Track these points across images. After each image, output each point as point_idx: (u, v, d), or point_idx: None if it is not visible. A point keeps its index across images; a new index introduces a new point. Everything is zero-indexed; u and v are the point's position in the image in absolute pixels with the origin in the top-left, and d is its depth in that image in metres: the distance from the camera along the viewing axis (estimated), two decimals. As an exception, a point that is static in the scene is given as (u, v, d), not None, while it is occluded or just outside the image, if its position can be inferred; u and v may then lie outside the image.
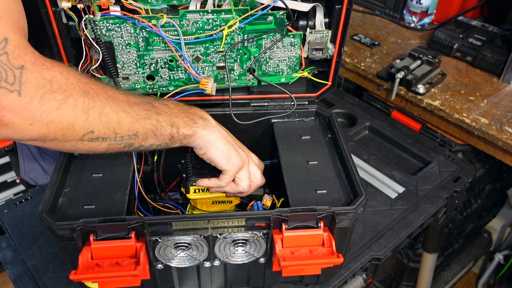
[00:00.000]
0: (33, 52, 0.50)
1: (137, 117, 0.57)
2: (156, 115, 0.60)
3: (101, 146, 0.56)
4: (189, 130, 0.62)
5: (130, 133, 0.57)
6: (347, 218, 0.60)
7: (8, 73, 0.47)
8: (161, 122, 0.60)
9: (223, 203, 0.75)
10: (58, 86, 0.50)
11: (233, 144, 0.67)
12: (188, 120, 0.63)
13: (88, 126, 0.53)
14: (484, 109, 0.98)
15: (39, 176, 0.94)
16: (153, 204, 0.75)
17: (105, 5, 0.64)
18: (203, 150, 0.65)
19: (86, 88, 0.53)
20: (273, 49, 0.74)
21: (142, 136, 0.58)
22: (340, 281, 0.71)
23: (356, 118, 1.07)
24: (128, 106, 0.57)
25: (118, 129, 0.56)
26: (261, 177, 0.72)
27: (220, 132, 0.66)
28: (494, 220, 1.55)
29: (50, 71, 0.50)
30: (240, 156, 0.67)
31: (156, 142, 0.60)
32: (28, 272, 0.71)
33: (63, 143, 0.53)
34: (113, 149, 0.58)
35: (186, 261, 0.61)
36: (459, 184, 0.90)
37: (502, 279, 1.57)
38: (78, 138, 0.53)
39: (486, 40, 1.11)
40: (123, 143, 0.58)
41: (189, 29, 0.68)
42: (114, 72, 0.70)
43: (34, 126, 0.49)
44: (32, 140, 0.51)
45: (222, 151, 0.65)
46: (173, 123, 0.61)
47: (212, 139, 0.64)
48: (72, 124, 0.52)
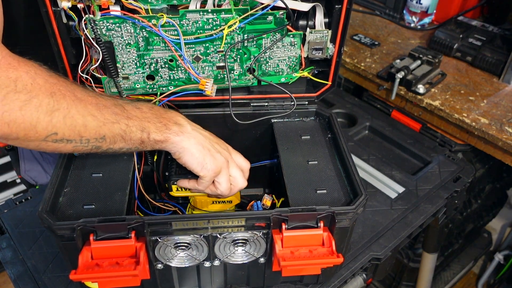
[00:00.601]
0: (0, 50, 0.49)
1: (104, 121, 0.56)
2: (126, 120, 0.59)
3: (66, 148, 0.56)
4: (160, 136, 0.61)
5: (96, 137, 0.56)
6: (347, 218, 0.60)
7: None
8: (131, 127, 0.59)
9: (223, 203, 0.75)
10: (23, 86, 0.50)
11: (210, 149, 0.66)
12: (161, 126, 0.62)
13: (51, 128, 0.52)
14: (484, 109, 0.98)
15: (39, 176, 0.94)
16: (154, 203, 0.75)
17: (105, 5, 0.64)
18: (177, 155, 0.64)
19: (53, 89, 0.52)
20: (273, 49, 0.74)
21: (110, 139, 0.58)
22: (340, 281, 0.71)
23: (356, 118, 1.07)
24: (96, 109, 0.56)
25: (84, 132, 0.55)
26: (243, 180, 0.70)
27: (195, 138, 0.65)
28: (494, 220, 1.55)
29: (16, 70, 0.50)
30: (217, 161, 0.66)
31: (125, 145, 0.60)
32: (28, 272, 0.71)
33: (26, 142, 0.53)
34: (79, 150, 0.57)
35: (186, 261, 0.61)
36: (459, 184, 0.90)
37: (502, 279, 1.57)
38: (41, 139, 0.53)
39: (486, 40, 1.11)
40: (90, 146, 0.57)
41: (189, 29, 0.68)
42: (114, 72, 0.70)
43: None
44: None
45: (197, 157, 0.64)
46: (144, 128, 0.60)
47: (186, 146, 0.63)
48: (34, 125, 0.51)
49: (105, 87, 0.72)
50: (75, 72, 0.69)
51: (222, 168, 0.67)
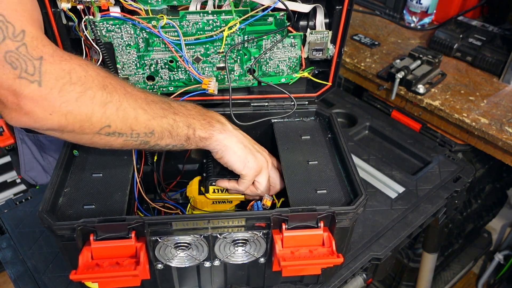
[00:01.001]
0: (50, 44, 0.51)
1: (154, 115, 0.57)
2: (173, 115, 0.60)
3: (117, 141, 0.57)
4: (205, 133, 0.62)
5: (146, 131, 0.57)
6: (347, 218, 0.60)
7: (28, 64, 0.48)
8: (178, 122, 0.60)
9: (223, 203, 0.75)
10: (77, 78, 0.51)
11: (250, 148, 0.67)
12: (205, 123, 0.63)
13: (105, 120, 0.53)
14: (484, 109, 0.98)
15: (39, 176, 0.94)
16: (152, 204, 0.75)
17: (105, 6, 0.64)
18: (220, 154, 0.65)
19: (105, 82, 0.54)
20: (273, 50, 0.74)
21: (158, 134, 0.58)
22: (340, 281, 0.71)
23: (356, 118, 1.07)
24: (145, 104, 0.57)
25: (135, 125, 0.56)
26: (281, 181, 0.72)
27: (237, 136, 0.66)
28: (494, 220, 1.55)
29: (69, 63, 0.51)
30: (258, 160, 0.67)
31: (172, 142, 0.60)
32: (28, 272, 0.71)
33: (80, 135, 0.54)
34: (129, 145, 0.58)
35: (186, 261, 0.61)
36: (459, 184, 0.90)
37: (502, 279, 1.57)
38: (95, 132, 0.54)
39: (486, 40, 1.11)
40: (139, 140, 0.58)
41: (189, 30, 0.68)
42: (114, 73, 0.70)
43: (53, 116, 0.50)
44: (51, 130, 0.52)
45: (239, 155, 0.65)
46: (190, 124, 0.61)
47: (229, 144, 0.64)
48: (90, 117, 0.52)
49: (105, 88, 0.72)
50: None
51: (263, 167, 0.68)
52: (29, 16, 0.50)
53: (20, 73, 0.47)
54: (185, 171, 0.86)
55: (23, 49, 0.48)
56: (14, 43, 0.48)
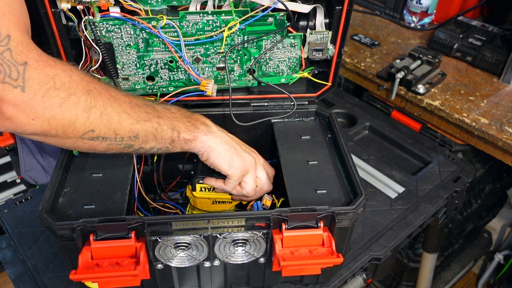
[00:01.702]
0: (36, 49, 0.51)
1: (138, 119, 0.57)
2: (158, 118, 0.60)
3: (101, 146, 0.57)
4: (190, 135, 0.62)
5: (130, 135, 0.57)
6: (347, 218, 0.60)
7: (12, 69, 0.48)
8: (162, 126, 0.60)
9: (223, 203, 0.75)
10: (61, 84, 0.51)
11: (237, 148, 0.67)
12: (190, 125, 0.63)
13: (89, 125, 0.53)
14: (484, 109, 0.98)
15: (39, 175, 0.94)
16: (153, 204, 0.75)
17: (105, 6, 0.64)
18: (205, 156, 0.65)
19: (89, 87, 0.54)
20: (273, 50, 0.74)
21: (143, 138, 0.59)
22: (340, 281, 0.71)
23: (356, 118, 1.07)
24: (129, 108, 0.57)
25: (119, 129, 0.56)
26: (268, 183, 0.72)
27: (222, 137, 0.66)
28: (494, 220, 1.55)
29: (53, 68, 0.51)
30: (244, 160, 0.67)
31: (156, 145, 0.61)
32: (28, 272, 0.71)
33: (63, 139, 0.54)
34: (112, 149, 0.58)
35: (186, 261, 0.61)
36: (459, 184, 0.90)
37: (502, 279, 1.57)
38: (79, 136, 0.54)
39: (486, 40, 1.11)
40: (123, 144, 0.58)
41: (189, 30, 0.68)
42: (114, 73, 0.70)
43: (36, 121, 0.50)
44: (33, 134, 0.52)
45: (223, 156, 0.65)
46: (174, 127, 0.61)
47: (213, 145, 0.65)
48: (73, 122, 0.52)
49: (105, 88, 0.72)
50: (75, 73, 0.69)
51: (250, 168, 0.68)
52: (17, 20, 0.50)
53: (4, 78, 0.47)
54: (185, 171, 0.86)
55: (7, 54, 0.48)
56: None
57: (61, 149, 0.67)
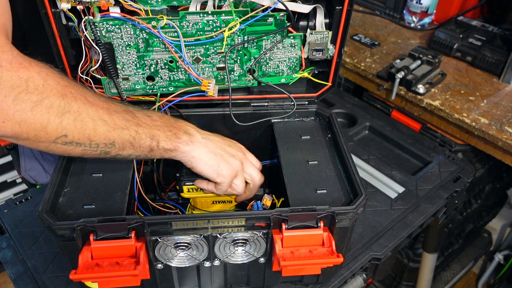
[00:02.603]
0: (11, 50, 0.50)
1: (114, 127, 0.56)
2: (136, 126, 0.59)
3: (76, 151, 0.56)
4: (170, 145, 0.61)
5: (106, 142, 0.56)
6: (347, 218, 0.60)
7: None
8: (141, 134, 0.59)
9: (223, 203, 0.75)
10: (34, 87, 0.50)
11: (222, 155, 0.66)
12: (171, 134, 0.62)
13: (61, 130, 0.53)
14: (484, 109, 0.98)
15: (39, 175, 0.94)
16: (153, 204, 0.75)
17: (105, 6, 0.64)
18: (190, 165, 0.65)
19: (65, 91, 0.53)
20: (273, 50, 0.74)
21: (119, 145, 0.58)
22: (340, 281, 0.71)
23: (356, 118, 1.07)
24: (107, 114, 0.56)
25: (93, 136, 0.55)
26: (259, 176, 0.71)
27: (206, 146, 0.65)
28: (494, 220, 1.55)
29: (27, 70, 0.50)
30: (232, 165, 0.66)
31: (134, 152, 0.60)
32: (28, 272, 0.71)
33: (36, 143, 0.53)
34: (88, 154, 0.57)
35: (186, 261, 0.61)
36: (459, 184, 0.90)
37: (502, 279, 1.57)
38: (51, 141, 0.53)
39: (486, 40, 1.11)
40: (99, 150, 0.57)
41: (189, 31, 0.68)
42: (114, 73, 0.70)
43: (6, 124, 0.49)
44: (5, 137, 0.51)
45: (211, 165, 0.64)
46: (154, 135, 0.60)
47: (197, 155, 0.63)
48: (45, 126, 0.51)
49: (105, 88, 0.72)
50: (75, 73, 0.70)
51: (238, 171, 0.67)
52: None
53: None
54: (185, 171, 0.86)
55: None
56: None
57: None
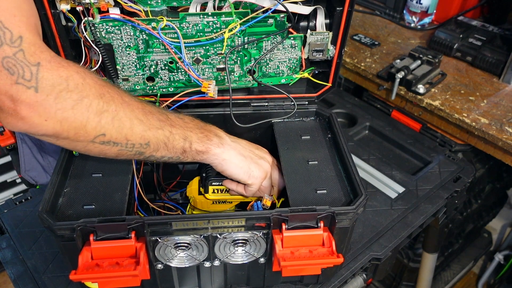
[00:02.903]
0: (48, 51, 0.51)
1: (150, 126, 0.57)
2: (170, 127, 0.60)
3: (112, 151, 0.57)
4: (202, 146, 0.62)
5: (141, 142, 0.57)
6: (347, 218, 0.60)
7: (25, 69, 0.48)
8: (174, 135, 0.60)
9: (223, 203, 0.75)
10: (75, 86, 0.51)
11: (252, 157, 0.67)
12: (203, 136, 0.63)
13: (100, 129, 0.53)
14: (484, 109, 0.98)
15: (39, 175, 0.94)
16: (152, 205, 0.75)
17: (104, 8, 0.64)
18: (220, 168, 0.66)
19: (102, 91, 0.54)
20: (274, 51, 0.74)
21: (154, 146, 0.58)
22: (340, 281, 0.71)
23: (356, 118, 1.07)
24: (142, 114, 0.57)
25: (130, 135, 0.56)
26: (281, 180, 0.72)
27: (235, 149, 0.66)
28: (494, 220, 1.55)
29: (67, 69, 0.51)
30: (262, 167, 0.68)
31: (167, 154, 0.60)
32: (28, 272, 0.71)
33: (75, 142, 0.54)
34: (123, 155, 0.58)
35: (186, 261, 0.62)
36: (459, 184, 0.90)
37: (502, 279, 1.57)
38: (90, 140, 0.54)
39: (486, 40, 1.11)
40: (134, 151, 0.58)
41: (189, 32, 0.68)
42: (114, 74, 0.70)
43: (48, 122, 0.50)
44: (45, 135, 0.52)
45: (241, 167, 0.65)
46: (187, 137, 0.61)
47: (227, 157, 0.65)
48: (84, 125, 0.52)
49: (105, 88, 0.72)
50: (75, 73, 0.69)
51: (267, 173, 0.69)
52: (27, 22, 0.50)
53: (17, 78, 0.48)
54: (185, 171, 0.86)
55: (20, 55, 0.48)
56: (11, 48, 0.48)
57: (61, 149, 0.67)
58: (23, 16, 0.50)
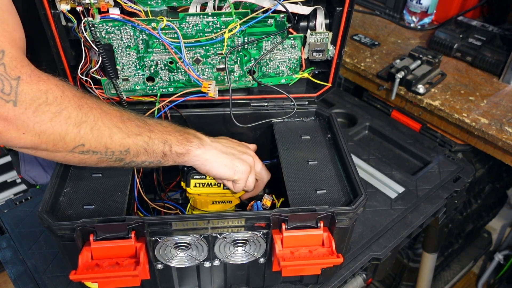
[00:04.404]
0: (29, 65, 0.51)
1: (128, 133, 0.58)
2: (149, 132, 0.60)
3: (92, 159, 0.57)
4: (182, 149, 0.63)
5: (121, 149, 0.58)
6: (347, 218, 0.60)
7: (5, 83, 0.48)
8: (154, 139, 0.60)
9: (223, 203, 0.75)
10: (54, 99, 0.51)
11: (234, 153, 0.68)
12: (182, 139, 0.63)
13: (79, 139, 0.54)
14: (484, 109, 0.98)
15: (39, 175, 0.94)
16: (152, 204, 0.75)
17: (104, 8, 0.64)
18: (203, 168, 0.66)
19: (81, 102, 0.54)
20: (274, 51, 0.74)
21: (134, 152, 0.59)
22: (340, 281, 0.71)
23: (356, 118, 1.07)
24: (121, 122, 0.58)
25: (109, 144, 0.56)
26: (267, 172, 0.73)
27: (216, 148, 0.66)
28: (494, 220, 1.55)
29: (46, 83, 0.51)
30: (246, 162, 0.68)
31: (148, 159, 0.61)
32: (28, 272, 0.71)
33: (53, 153, 0.54)
34: (103, 162, 0.59)
35: (186, 261, 0.62)
36: (459, 184, 0.90)
37: (502, 279, 1.57)
38: (69, 150, 0.54)
39: (486, 40, 1.11)
40: (114, 158, 0.58)
41: (189, 32, 0.68)
42: (113, 74, 0.70)
43: (26, 136, 0.50)
44: (24, 148, 0.52)
45: (225, 165, 0.66)
46: (166, 140, 0.61)
47: (209, 157, 0.65)
48: (63, 136, 0.53)
49: (105, 89, 0.72)
50: (75, 74, 0.70)
51: (251, 166, 0.69)
52: (10, 36, 0.51)
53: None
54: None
55: (1, 69, 0.48)
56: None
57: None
58: (7, 31, 0.51)
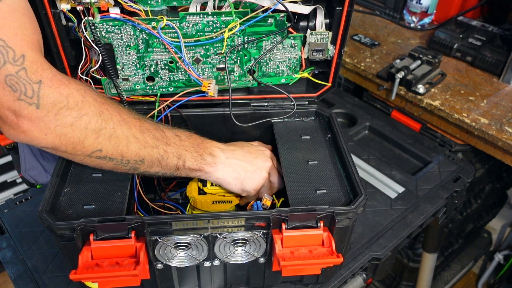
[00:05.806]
0: (50, 68, 0.53)
1: (145, 145, 0.59)
2: (165, 146, 0.61)
3: (108, 165, 0.59)
4: (195, 165, 0.64)
5: (136, 159, 0.59)
6: (347, 218, 0.60)
7: (27, 87, 0.50)
8: (169, 153, 0.61)
9: (223, 203, 0.75)
10: (74, 103, 0.53)
11: (247, 171, 0.68)
12: (197, 155, 0.64)
13: (97, 145, 0.56)
14: (484, 109, 0.98)
15: (39, 175, 0.94)
16: (152, 204, 0.75)
17: (105, 7, 0.64)
18: (215, 182, 0.69)
19: (101, 108, 0.56)
20: (274, 51, 0.74)
21: (148, 163, 0.60)
22: (340, 281, 0.71)
23: (356, 118, 1.07)
24: (139, 132, 0.59)
25: (126, 152, 0.58)
26: (280, 181, 0.73)
27: (229, 166, 0.67)
28: (494, 220, 1.55)
29: (67, 87, 0.53)
30: (256, 181, 0.69)
31: (161, 170, 0.62)
32: (28, 272, 0.71)
33: (72, 155, 0.56)
34: (118, 169, 0.60)
35: (186, 261, 0.62)
36: (459, 184, 0.90)
37: (502, 279, 1.57)
38: (87, 154, 0.56)
39: (486, 40, 1.11)
40: (129, 166, 0.60)
41: (189, 31, 0.68)
42: (114, 74, 0.70)
43: (48, 137, 0.53)
44: (45, 147, 0.54)
45: (234, 184, 0.68)
46: (180, 155, 0.63)
47: (221, 176, 0.67)
48: (82, 141, 0.54)
49: (105, 88, 0.72)
50: (75, 74, 0.70)
51: (263, 183, 0.70)
52: (29, 40, 0.52)
53: (20, 95, 0.50)
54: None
55: (22, 73, 0.50)
56: (14, 67, 0.49)
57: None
58: (26, 35, 0.52)
